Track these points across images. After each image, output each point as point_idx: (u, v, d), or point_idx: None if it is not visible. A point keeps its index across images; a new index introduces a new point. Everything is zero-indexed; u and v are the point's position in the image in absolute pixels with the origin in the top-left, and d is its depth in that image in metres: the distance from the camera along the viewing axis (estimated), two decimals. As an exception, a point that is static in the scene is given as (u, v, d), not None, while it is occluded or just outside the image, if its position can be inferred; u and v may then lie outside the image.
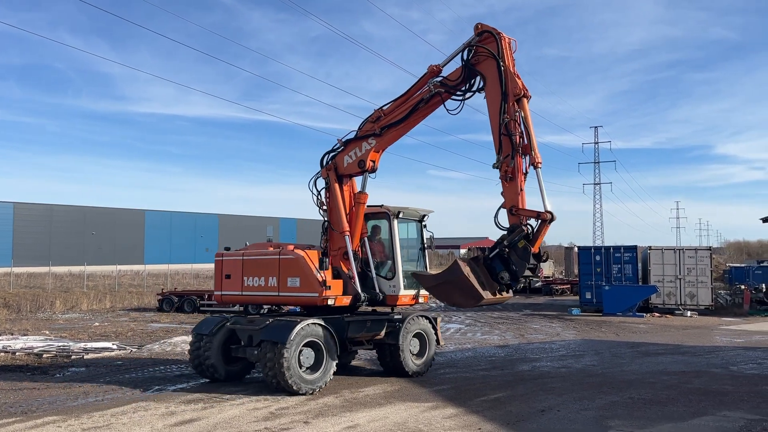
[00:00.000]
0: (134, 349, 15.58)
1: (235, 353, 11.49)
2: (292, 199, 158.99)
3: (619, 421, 8.87)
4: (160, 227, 73.83)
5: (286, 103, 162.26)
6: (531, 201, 10.36)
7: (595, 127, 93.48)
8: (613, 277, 28.00)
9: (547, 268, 45.84)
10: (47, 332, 18.92)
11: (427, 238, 12.91)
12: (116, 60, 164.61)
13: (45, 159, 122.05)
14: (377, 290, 11.78)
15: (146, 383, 11.40)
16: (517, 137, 10.26)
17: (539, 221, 10.13)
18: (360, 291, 11.45)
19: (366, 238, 12.01)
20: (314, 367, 10.65)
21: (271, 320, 10.86)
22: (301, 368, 10.37)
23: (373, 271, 11.86)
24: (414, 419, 8.86)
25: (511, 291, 10.75)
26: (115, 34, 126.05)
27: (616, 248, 28.77)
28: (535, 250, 10.16)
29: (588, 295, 28.41)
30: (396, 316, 12.16)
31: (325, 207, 11.92)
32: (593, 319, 24.94)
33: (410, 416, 9.02)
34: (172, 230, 74.89)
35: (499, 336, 19.40)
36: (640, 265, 28.15)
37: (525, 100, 10.53)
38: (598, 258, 28.66)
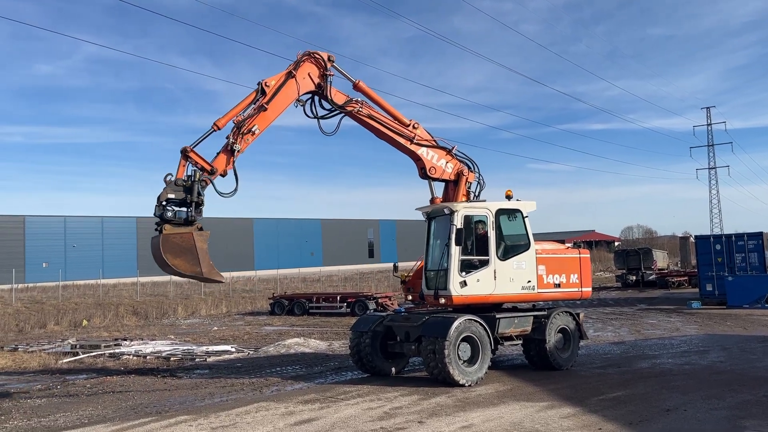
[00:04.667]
0: (251, 352, 16.33)
1: (392, 349, 12.20)
2: (391, 200, 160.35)
3: (755, 420, 8.27)
4: (267, 234, 77.05)
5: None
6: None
7: (707, 107, 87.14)
8: (737, 267, 26.16)
9: (662, 260, 43.41)
10: (172, 337, 20.23)
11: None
12: (219, 77, 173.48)
13: (161, 175, 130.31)
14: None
15: (265, 384, 11.91)
16: None
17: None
18: None
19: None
20: (470, 361, 11.11)
21: (427, 317, 11.49)
22: (459, 361, 10.88)
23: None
24: (530, 419, 8.69)
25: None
26: (216, 52, 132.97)
27: (739, 236, 26.87)
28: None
29: (709, 287, 26.71)
30: (540, 312, 12.43)
31: None
32: (716, 312, 23.38)
33: (525, 416, 8.85)
34: (279, 237, 77.91)
35: (613, 332, 18.63)
36: (767, 253, 26.11)
37: None
38: (718, 247, 26.89)
